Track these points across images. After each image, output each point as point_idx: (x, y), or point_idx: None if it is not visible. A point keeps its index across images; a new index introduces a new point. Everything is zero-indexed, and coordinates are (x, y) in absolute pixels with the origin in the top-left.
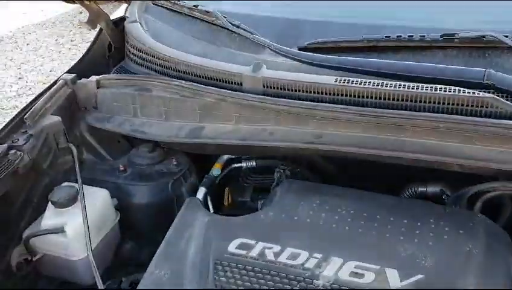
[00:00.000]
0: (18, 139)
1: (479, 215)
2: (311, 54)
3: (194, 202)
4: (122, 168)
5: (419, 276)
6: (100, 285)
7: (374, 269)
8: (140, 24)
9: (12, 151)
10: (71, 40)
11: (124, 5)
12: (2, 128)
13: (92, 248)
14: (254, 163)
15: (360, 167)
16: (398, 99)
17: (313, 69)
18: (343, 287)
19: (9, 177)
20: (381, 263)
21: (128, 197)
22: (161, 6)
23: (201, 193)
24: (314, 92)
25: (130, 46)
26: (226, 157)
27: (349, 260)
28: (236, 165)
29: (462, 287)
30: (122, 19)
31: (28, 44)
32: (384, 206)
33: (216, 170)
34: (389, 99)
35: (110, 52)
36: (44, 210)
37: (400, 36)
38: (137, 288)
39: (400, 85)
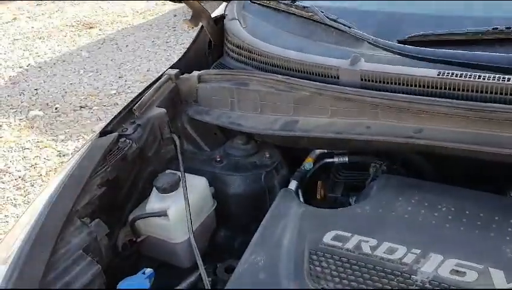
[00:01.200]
0: (127, 129)
1: None
2: (412, 47)
3: (289, 192)
4: (218, 159)
5: None
6: (201, 265)
7: (477, 268)
8: (239, 21)
9: (122, 139)
10: (166, 42)
11: (224, 4)
12: (113, 118)
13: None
14: (346, 159)
15: (460, 166)
16: (506, 94)
17: (413, 63)
18: (444, 284)
19: (119, 163)
20: (485, 263)
21: (223, 186)
22: (259, 4)
23: (292, 185)
24: (415, 85)
25: (228, 43)
26: (318, 151)
27: (449, 257)
28: (328, 160)
29: None
30: (221, 17)
31: (127, 45)
32: (488, 205)
33: (308, 164)
34: (496, 93)
35: (210, 49)
36: (148, 195)
37: (510, 28)
38: (234, 273)
39: (508, 79)
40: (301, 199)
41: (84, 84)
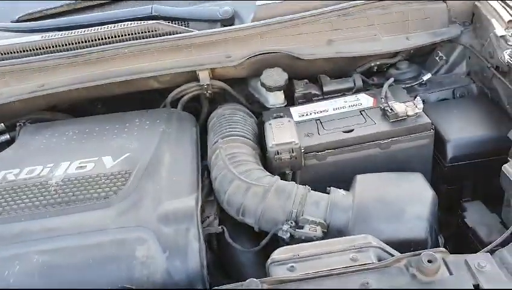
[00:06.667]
0: None
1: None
2: (23, 23)
3: None
4: None
5: (127, 154)
6: None
7: (93, 160)
8: None
9: None
10: None
11: None
12: None
13: None
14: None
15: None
16: (92, 40)
17: (26, 35)
18: (72, 178)
19: None
20: (99, 155)
21: None
22: None
23: None
24: (24, 51)
25: None
26: None
27: (74, 160)
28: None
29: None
30: None
31: None
32: (102, 122)
33: None
34: (87, 41)
35: None
36: None
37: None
38: None
39: (91, 30)
40: None
41: None
